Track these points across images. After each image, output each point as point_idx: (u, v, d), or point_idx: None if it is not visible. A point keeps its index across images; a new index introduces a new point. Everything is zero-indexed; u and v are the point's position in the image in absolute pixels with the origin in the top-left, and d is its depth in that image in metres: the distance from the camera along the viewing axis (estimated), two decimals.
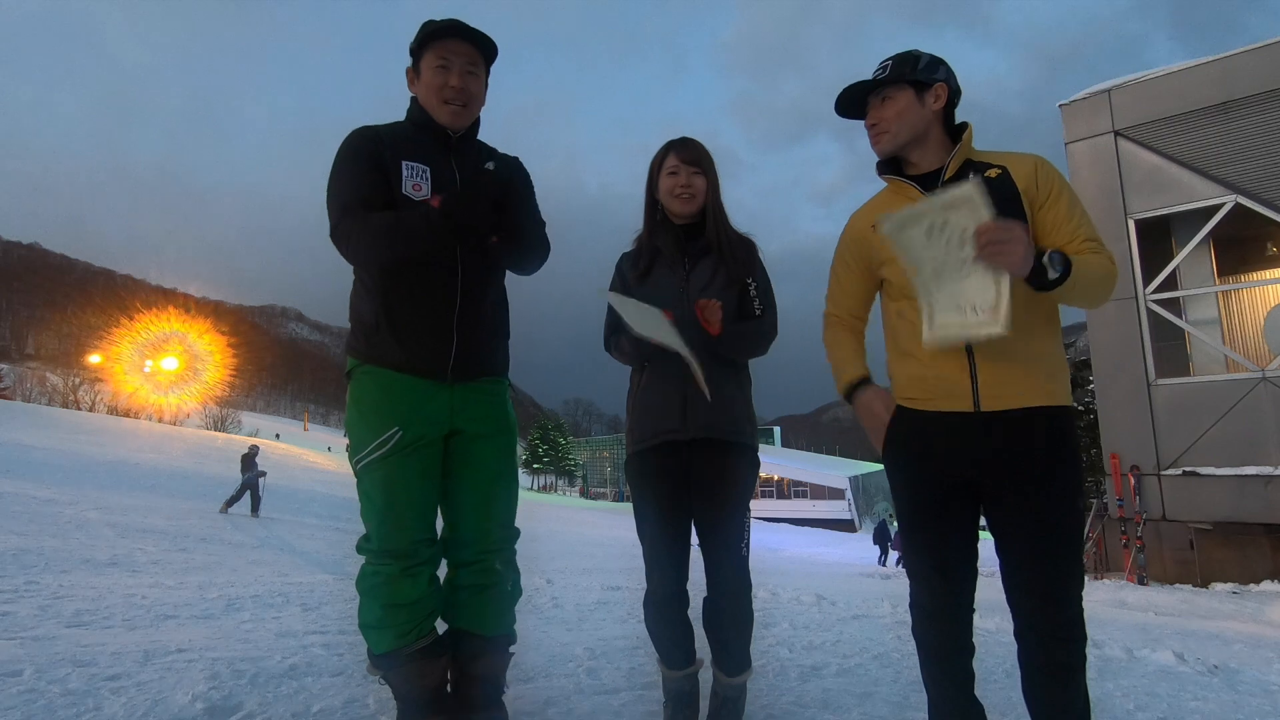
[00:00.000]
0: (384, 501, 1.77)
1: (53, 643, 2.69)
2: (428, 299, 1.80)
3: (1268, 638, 5.46)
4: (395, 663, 1.79)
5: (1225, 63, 9.59)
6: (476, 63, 1.88)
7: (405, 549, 1.76)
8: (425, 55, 1.85)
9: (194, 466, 19.12)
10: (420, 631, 1.79)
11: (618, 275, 2.10)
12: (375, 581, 1.77)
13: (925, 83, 1.63)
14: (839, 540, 27.04)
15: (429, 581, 1.82)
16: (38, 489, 10.21)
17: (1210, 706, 2.73)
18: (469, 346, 1.84)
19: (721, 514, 1.94)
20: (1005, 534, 1.55)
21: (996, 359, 1.53)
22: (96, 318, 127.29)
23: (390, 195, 1.79)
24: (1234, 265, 11.15)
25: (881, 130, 1.66)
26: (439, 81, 1.83)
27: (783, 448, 79.87)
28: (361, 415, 1.80)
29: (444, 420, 1.83)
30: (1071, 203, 1.57)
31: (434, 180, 1.83)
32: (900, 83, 1.63)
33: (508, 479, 1.96)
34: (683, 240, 2.03)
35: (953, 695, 1.62)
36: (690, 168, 1.99)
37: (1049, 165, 1.62)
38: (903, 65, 1.63)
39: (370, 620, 1.79)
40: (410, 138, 1.86)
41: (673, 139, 2.07)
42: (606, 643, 3.20)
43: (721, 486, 1.94)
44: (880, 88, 1.65)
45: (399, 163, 1.80)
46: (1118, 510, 9.91)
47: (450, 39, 1.84)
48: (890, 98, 1.64)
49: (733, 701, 2.00)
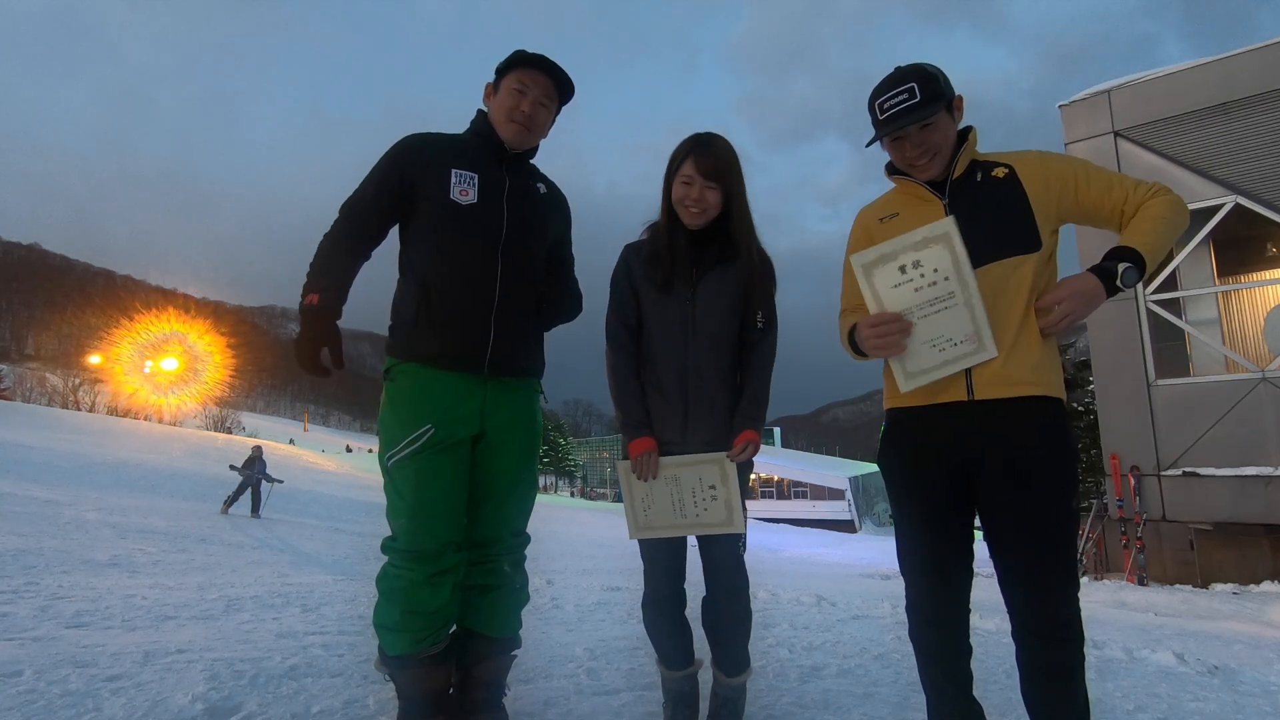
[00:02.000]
0: (415, 499, 1.77)
1: (52, 643, 2.69)
2: (468, 294, 1.85)
3: (1268, 638, 5.46)
4: (406, 665, 1.79)
5: (1225, 63, 9.59)
6: (551, 97, 1.97)
7: (432, 552, 1.76)
8: (507, 77, 1.93)
9: (194, 467, 19.12)
10: (436, 639, 1.80)
11: (623, 266, 2.02)
12: (397, 585, 1.77)
13: (950, 98, 1.62)
14: (839, 541, 27.00)
15: (451, 590, 1.81)
16: (38, 489, 10.21)
17: (1210, 707, 2.72)
18: (506, 341, 1.87)
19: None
20: (998, 531, 1.55)
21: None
22: (96, 318, 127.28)
23: (398, 204, 1.87)
24: (1234, 266, 11.16)
25: (932, 154, 1.61)
26: (511, 103, 1.91)
27: (783, 448, 79.78)
28: (395, 412, 1.83)
29: (475, 421, 1.85)
30: (1099, 170, 1.58)
31: (481, 188, 1.88)
32: (937, 104, 1.59)
33: (526, 484, 1.98)
34: (692, 249, 1.95)
35: (952, 697, 1.62)
36: (706, 181, 1.87)
37: (1054, 156, 1.62)
38: (931, 86, 1.58)
39: (387, 622, 1.79)
40: (466, 146, 1.94)
41: (699, 136, 1.94)
42: (606, 643, 3.20)
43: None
44: (927, 115, 1.58)
45: (448, 170, 1.86)
46: (1118, 511, 9.90)
47: (534, 70, 1.93)
48: (933, 124, 1.60)
49: (733, 702, 2.00)
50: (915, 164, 1.63)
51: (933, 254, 1.53)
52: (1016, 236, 1.56)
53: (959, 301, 1.52)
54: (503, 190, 1.91)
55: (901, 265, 1.56)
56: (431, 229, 1.85)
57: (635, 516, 1.96)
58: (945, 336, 1.52)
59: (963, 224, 1.57)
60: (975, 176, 1.63)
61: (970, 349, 1.51)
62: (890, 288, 1.57)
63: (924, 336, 1.55)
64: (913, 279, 1.55)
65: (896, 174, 1.72)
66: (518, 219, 1.91)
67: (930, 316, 1.54)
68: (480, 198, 1.87)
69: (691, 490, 1.89)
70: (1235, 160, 9.55)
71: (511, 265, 1.89)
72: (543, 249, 2.00)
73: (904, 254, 1.55)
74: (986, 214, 1.58)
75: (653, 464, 1.90)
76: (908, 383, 1.56)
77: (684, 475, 1.90)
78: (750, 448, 1.89)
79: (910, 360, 1.56)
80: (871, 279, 1.59)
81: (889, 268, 1.57)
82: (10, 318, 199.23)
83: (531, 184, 2.00)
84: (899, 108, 1.57)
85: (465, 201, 1.85)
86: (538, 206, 1.98)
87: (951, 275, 1.52)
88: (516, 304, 1.90)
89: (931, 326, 1.54)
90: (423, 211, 1.86)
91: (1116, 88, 10.39)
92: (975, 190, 1.62)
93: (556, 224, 2.06)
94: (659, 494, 1.92)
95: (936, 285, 1.53)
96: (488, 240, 1.86)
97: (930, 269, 1.53)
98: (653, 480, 1.91)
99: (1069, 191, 1.57)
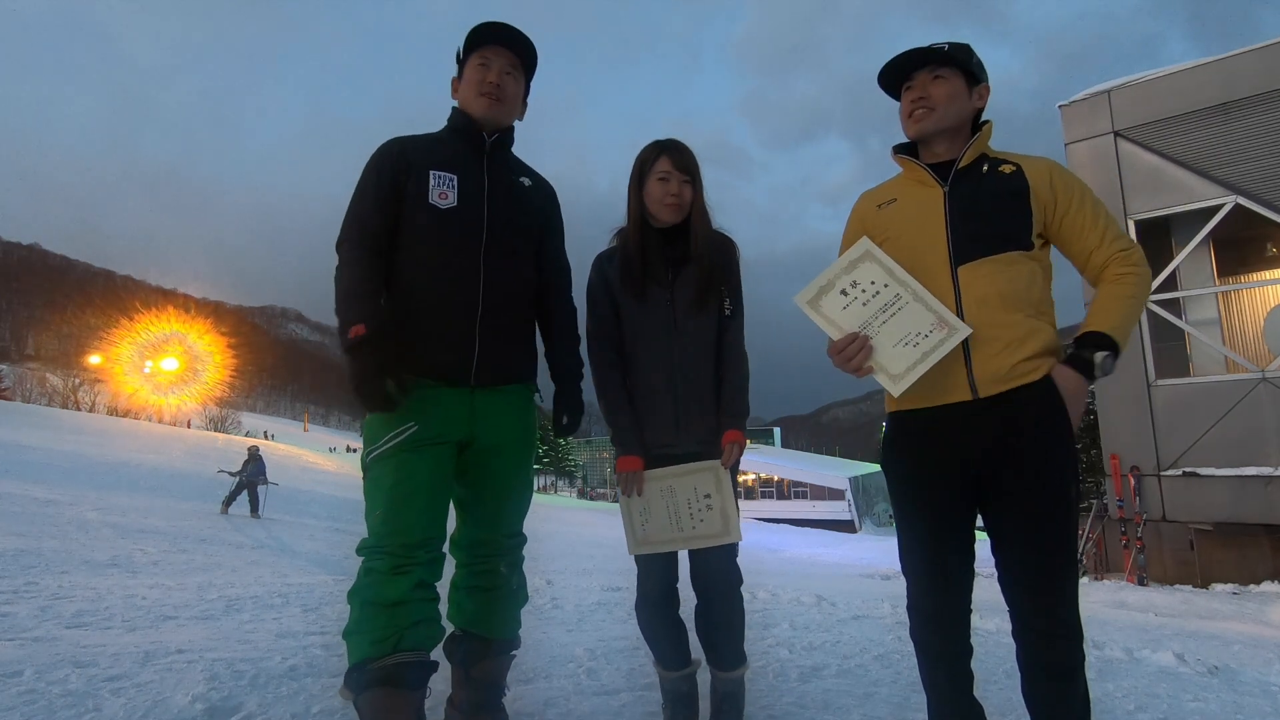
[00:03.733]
0: (390, 490, 1.69)
1: (52, 644, 2.69)
2: (451, 304, 1.79)
3: (1268, 638, 5.46)
4: (366, 682, 1.56)
5: (1225, 63, 9.58)
6: (516, 66, 1.94)
7: (402, 547, 1.66)
8: (469, 59, 1.91)
9: (194, 467, 19.11)
10: (399, 643, 1.58)
11: (599, 277, 2.04)
12: (363, 582, 1.66)
13: (977, 77, 1.63)
14: (839, 541, 26.99)
15: (416, 586, 1.65)
16: (38, 489, 10.21)
17: (1210, 707, 2.72)
18: (493, 350, 1.82)
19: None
20: (1000, 528, 1.55)
21: (989, 345, 1.53)
22: (96, 318, 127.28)
23: (399, 210, 1.81)
24: (1234, 266, 11.15)
25: (928, 106, 1.61)
26: (478, 77, 1.88)
27: (782, 448, 79.75)
28: (380, 414, 1.77)
29: (463, 425, 1.79)
30: (1095, 206, 1.57)
31: (460, 189, 1.84)
32: (956, 66, 1.61)
33: (521, 487, 1.95)
34: (664, 246, 1.99)
35: (952, 697, 1.62)
36: (682, 175, 1.95)
37: (1064, 170, 1.61)
38: (961, 51, 1.61)
39: (349, 625, 1.65)
40: (444, 145, 1.89)
41: (662, 140, 2.03)
42: (606, 643, 3.20)
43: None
44: (936, 64, 1.61)
45: (427, 172, 1.82)
46: (1118, 511, 9.90)
47: (492, 44, 1.90)
48: (944, 77, 1.61)
49: (733, 697, 1.99)
50: (911, 115, 1.64)
51: (864, 270, 1.61)
52: (1012, 233, 1.56)
53: (908, 299, 1.56)
54: (483, 190, 1.86)
55: (841, 289, 1.62)
56: (411, 236, 1.80)
57: (634, 531, 1.97)
58: (912, 332, 1.55)
59: (959, 213, 1.58)
60: (981, 168, 1.63)
61: (942, 335, 1.53)
62: (840, 310, 1.62)
63: (892, 340, 1.57)
64: (856, 296, 1.61)
65: (902, 154, 1.72)
66: (500, 219, 1.86)
67: (889, 321, 1.57)
68: (460, 200, 1.82)
69: (687, 501, 1.91)
70: (1235, 160, 9.54)
71: (496, 269, 1.84)
72: (530, 248, 1.95)
73: (838, 279, 1.63)
74: (986, 206, 1.58)
75: (638, 482, 1.94)
76: (896, 386, 1.56)
77: (678, 486, 1.92)
78: (735, 449, 1.91)
79: (891, 364, 1.57)
80: (820, 310, 1.63)
81: (831, 296, 1.63)
82: (10, 318, 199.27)
83: (514, 178, 1.94)
84: (919, 48, 1.62)
85: (444, 205, 1.80)
86: (521, 202, 1.93)
87: (890, 281, 1.58)
88: (503, 310, 1.85)
89: (894, 329, 1.57)
90: (404, 217, 1.80)
91: (1116, 88, 10.38)
92: (979, 181, 1.61)
93: (543, 218, 2.00)
94: (655, 506, 1.93)
95: (880, 294, 1.58)
96: (469, 245, 1.81)
97: (867, 282, 1.60)
98: (646, 494, 1.93)
99: (1059, 207, 1.57)
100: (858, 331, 1.59)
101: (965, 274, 1.56)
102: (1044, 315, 1.57)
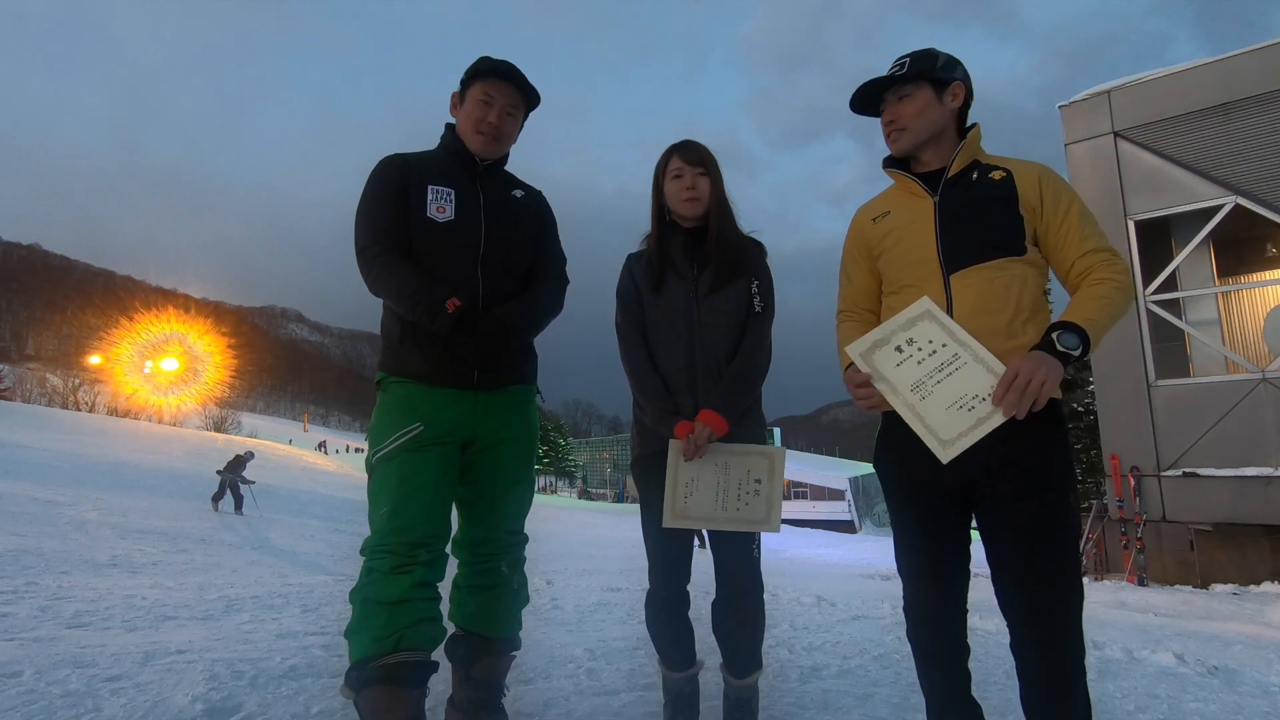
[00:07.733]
0: (395, 489, 1.72)
1: (52, 644, 2.69)
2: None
3: (1268, 639, 5.46)
4: (366, 680, 1.58)
5: (1225, 64, 9.58)
6: (518, 106, 1.99)
7: (405, 544, 1.69)
8: (473, 87, 1.95)
9: (193, 468, 19.10)
10: (400, 642, 1.60)
11: (627, 276, 2.08)
12: (364, 581, 1.69)
13: (944, 81, 1.62)
14: (839, 541, 26.97)
15: (417, 585, 1.68)
16: (37, 489, 10.21)
17: (1210, 708, 2.72)
18: (492, 359, 1.86)
19: None
20: (995, 540, 1.53)
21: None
22: (96, 319, 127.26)
23: (410, 220, 1.85)
24: (1234, 266, 11.15)
25: (900, 128, 1.64)
26: (478, 114, 1.92)
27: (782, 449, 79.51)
28: (385, 415, 1.82)
29: (467, 425, 1.85)
30: (1082, 214, 1.56)
31: (457, 203, 1.89)
32: (919, 80, 1.61)
33: (523, 485, 1.98)
34: (690, 245, 2.02)
35: (950, 697, 1.61)
36: (694, 168, 1.98)
37: (1054, 175, 1.61)
38: (922, 62, 1.61)
39: (350, 624, 1.68)
40: (439, 163, 1.94)
41: (674, 143, 2.07)
42: (606, 644, 3.20)
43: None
44: (899, 85, 1.63)
45: (425, 186, 1.87)
46: (1118, 511, 9.90)
47: (499, 80, 1.93)
48: (909, 95, 1.62)
49: (746, 702, 1.99)
50: (888, 138, 1.66)
51: (922, 329, 1.55)
52: (1004, 239, 1.55)
53: (966, 360, 1.50)
54: (479, 204, 1.92)
55: (897, 346, 1.57)
56: (411, 248, 1.85)
57: (674, 503, 1.87)
58: (969, 395, 1.48)
59: (950, 222, 1.58)
60: (971, 176, 1.62)
61: (994, 407, 1.47)
62: (894, 367, 1.56)
63: (945, 401, 1.50)
64: (911, 354, 1.55)
65: (892, 167, 1.72)
66: (496, 232, 1.92)
67: (944, 382, 1.51)
68: (457, 213, 1.88)
69: (738, 481, 1.87)
70: (1235, 160, 9.54)
71: (493, 279, 1.89)
72: (524, 259, 2.00)
73: (894, 336, 1.58)
74: (975, 214, 1.58)
75: (704, 442, 1.84)
76: (945, 452, 1.47)
77: (734, 463, 1.88)
78: (703, 430, 1.82)
79: (942, 429, 1.49)
80: (873, 363, 1.59)
81: (885, 350, 1.58)
82: (10, 318, 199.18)
83: (507, 193, 2.00)
84: (876, 78, 1.64)
85: (442, 219, 1.86)
86: (516, 216, 1.99)
87: (949, 341, 1.52)
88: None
89: (949, 390, 1.50)
90: (398, 236, 1.85)
91: (1117, 88, 10.39)
92: (968, 189, 1.61)
93: (537, 229, 2.05)
94: (704, 480, 1.87)
95: (937, 353, 1.53)
96: (467, 256, 1.87)
97: (924, 340, 1.54)
98: (701, 463, 1.87)
99: (1045, 216, 1.56)
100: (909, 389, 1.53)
101: (957, 282, 1.56)
102: (1037, 317, 1.56)
